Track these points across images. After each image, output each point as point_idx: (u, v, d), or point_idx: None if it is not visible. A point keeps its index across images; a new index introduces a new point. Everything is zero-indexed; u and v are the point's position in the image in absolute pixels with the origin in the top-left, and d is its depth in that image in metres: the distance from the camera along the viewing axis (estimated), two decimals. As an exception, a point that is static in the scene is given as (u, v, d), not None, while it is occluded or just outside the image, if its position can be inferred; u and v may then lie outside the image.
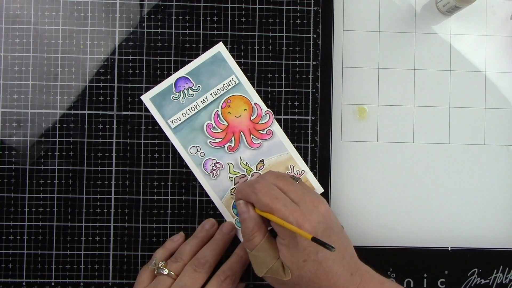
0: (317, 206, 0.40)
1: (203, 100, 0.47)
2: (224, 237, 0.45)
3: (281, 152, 0.47)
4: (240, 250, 0.45)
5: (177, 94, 0.47)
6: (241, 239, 0.47)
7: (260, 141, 0.47)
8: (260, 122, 0.47)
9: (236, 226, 0.47)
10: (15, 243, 0.46)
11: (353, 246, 0.49)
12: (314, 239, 0.35)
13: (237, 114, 0.47)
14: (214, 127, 0.47)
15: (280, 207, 0.38)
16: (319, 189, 0.48)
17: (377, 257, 0.48)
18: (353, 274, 0.40)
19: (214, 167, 0.47)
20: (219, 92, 0.47)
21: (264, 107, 0.47)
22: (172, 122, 0.46)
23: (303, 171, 0.47)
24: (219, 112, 0.47)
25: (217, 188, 0.47)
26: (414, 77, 0.49)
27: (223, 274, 0.43)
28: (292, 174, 0.47)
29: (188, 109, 0.47)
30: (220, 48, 0.47)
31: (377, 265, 0.48)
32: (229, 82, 0.47)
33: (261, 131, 0.47)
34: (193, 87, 0.47)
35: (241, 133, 0.47)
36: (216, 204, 0.47)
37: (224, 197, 0.47)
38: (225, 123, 0.47)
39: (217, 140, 0.47)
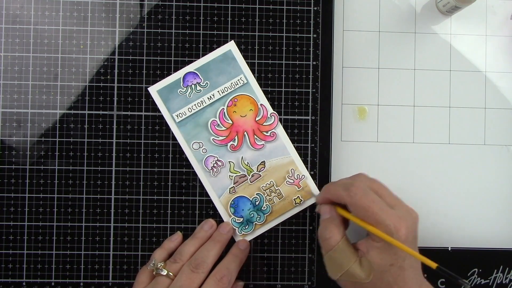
0: (410, 212, 0.40)
1: (210, 96, 0.47)
2: (222, 238, 0.45)
3: (283, 155, 0.47)
4: (236, 249, 0.46)
5: (185, 88, 0.47)
6: (237, 239, 0.47)
7: (263, 142, 0.47)
8: (264, 124, 0.47)
9: (232, 226, 0.47)
10: (15, 243, 0.46)
11: (353, 246, 0.49)
12: (440, 269, 0.36)
13: (243, 114, 0.47)
14: (218, 124, 0.47)
15: (378, 210, 0.38)
16: (319, 192, 0.48)
17: (377, 257, 0.48)
18: (422, 285, 0.40)
19: (215, 165, 0.47)
20: (226, 90, 0.47)
21: (270, 109, 0.47)
22: (177, 116, 0.47)
23: (303, 176, 0.47)
24: (225, 110, 0.47)
25: (216, 186, 0.47)
26: (414, 77, 0.49)
27: (219, 273, 0.43)
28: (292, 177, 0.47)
29: (194, 105, 0.47)
30: (231, 46, 0.47)
31: (377, 265, 0.48)
32: (237, 81, 0.47)
33: (265, 133, 0.47)
34: (201, 83, 0.47)
35: (245, 133, 0.47)
36: (213, 201, 0.47)
37: (222, 195, 0.47)
38: (230, 121, 0.47)
39: (221, 138, 0.47)
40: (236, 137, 0.47)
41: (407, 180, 0.49)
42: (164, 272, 0.43)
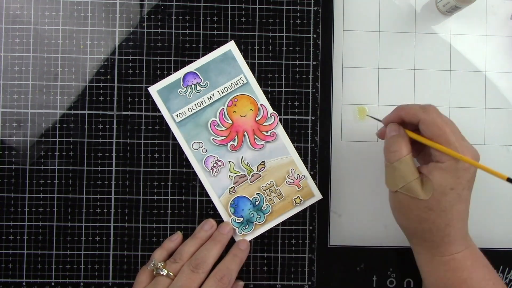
0: (475, 149, 0.40)
1: (210, 96, 0.47)
2: (223, 238, 0.45)
3: (283, 155, 0.47)
4: (236, 249, 0.46)
5: (185, 88, 0.47)
6: (237, 239, 0.47)
7: (263, 142, 0.47)
8: (264, 124, 0.47)
9: (233, 226, 0.47)
10: (15, 243, 0.46)
11: (354, 245, 0.49)
12: (510, 180, 0.37)
13: (243, 114, 0.47)
14: (218, 124, 0.47)
15: (450, 132, 0.39)
16: (318, 196, 0.48)
17: (377, 257, 0.48)
18: (467, 235, 0.42)
19: (215, 165, 0.47)
20: (226, 90, 0.47)
21: (270, 109, 0.47)
22: (177, 116, 0.47)
23: (303, 176, 0.47)
24: (225, 110, 0.47)
25: (216, 186, 0.47)
26: (414, 77, 0.49)
27: (220, 273, 0.43)
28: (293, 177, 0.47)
29: (194, 105, 0.47)
30: (231, 46, 0.47)
31: (377, 265, 0.48)
32: (237, 81, 0.47)
33: (265, 133, 0.47)
34: (201, 83, 0.47)
35: (245, 133, 0.47)
36: (213, 201, 0.47)
37: (222, 195, 0.47)
38: (230, 121, 0.47)
39: (221, 138, 0.47)
40: (236, 137, 0.47)
41: (407, 180, 0.49)
42: (164, 272, 0.43)
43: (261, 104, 0.47)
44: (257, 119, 0.47)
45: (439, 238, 0.40)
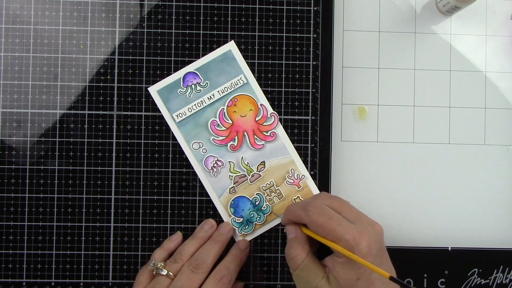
0: (373, 225, 0.40)
1: (210, 96, 0.47)
2: (222, 238, 0.45)
3: (283, 155, 0.47)
4: (235, 249, 0.46)
5: (185, 88, 0.47)
6: (237, 239, 0.47)
7: (263, 142, 0.47)
8: (264, 124, 0.47)
9: (233, 226, 0.47)
10: (15, 243, 0.46)
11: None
12: (392, 279, 0.35)
13: (243, 114, 0.47)
14: (218, 124, 0.47)
15: (335, 226, 0.38)
16: (319, 192, 0.48)
17: (377, 257, 0.48)
18: None
19: (215, 165, 0.47)
20: (226, 90, 0.47)
21: (270, 109, 0.47)
22: (177, 116, 0.47)
23: (303, 176, 0.47)
24: (225, 110, 0.47)
25: (216, 186, 0.47)
26: (414, 77, 0.49)
27: (219, 273, 0.43)
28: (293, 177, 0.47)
29: (194, 105, 0.47)
30: (231, 46, 0.47)
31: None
32: (237, 81, 0.47)
33: (265, 133, 0.47)
34: (201, 83, 0.47)
35: (245, 133, 0.47)
36: (213, 201, 0.47)
37: (222, 195, 0.47)
38: (230, 121, 0.47)
39: (220, 138, 0.47)
40: (236, 137, 0.47)
41: (407, 180, 0.49)
42: (164, 272, 0.43)
43: (261, 104, 0.47)
44: (257, 119, 0.47)
45: None
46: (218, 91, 0.47)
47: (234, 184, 0.47)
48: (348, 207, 0.41)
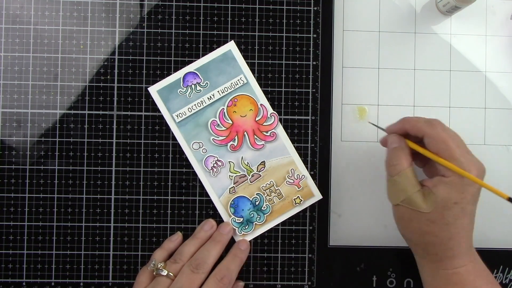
0: (481, 163, 0.40)
1: (210, 96, 0.47)
2: (223, 238, 0.45)
3: (283, 155, 0.47)
4: (236, 249, 0.46)
5: (185, 88, 0.47)
6: (237, 239, 0.47)
7: (263, 142, 0.47)
8: (264, 124, 0.47)
9: (233, 226, 0.47)
10: (15, 243, 0.46)
11: (354, 245, 0.49)
12: (510, 199, 0.37)
13: (243, 114, 0.47)
14: (218, 124, 0.47)
15: (455, 146, 0.39)
16: (318, 196, 0.48)
17: (377, 257, 0.48)
18: (471, 248, 0.41)
19: (215, 165, 0.47)
20: (226, 90, 0.47)
21: (270, 109, 0.47)
22: (177, 116, 0.47)
23: (303, 176, 0.47)
24: (225, 110, 0.47)
25: (216, 186, 0.47)
26: (414, 77, 0.49)
27: (220, 273, 0.43)
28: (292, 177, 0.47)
29: (194, 105, 0.47)
30: (231, 46, 0.47)
31: (377, 265, 0.48)
32: (237, 81, 0.47)
33: (265, 133, 0.47)
34: (201, 83, 0.47)
35: (245, 133, 0.47)
36: (213, 201, 0.47)
37: (222, 195, 0.47)
38: (230, 121, 0.47)
39: (221, 138, 0.47)
40: (236, 137, 0.47)
41: (407, 180, 0.49)
42: (165, 273, 0.43)
43: (261, 104, 0.47)
44: (257, 119, 0.47)
45: (442, 251, 0.40)
46: (218, 91, 0.47)
47: (234, 184, 0.47)
48: (463, 142, 0.41)
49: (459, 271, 0.40)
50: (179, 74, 0.47)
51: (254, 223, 0.47)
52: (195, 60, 0.47)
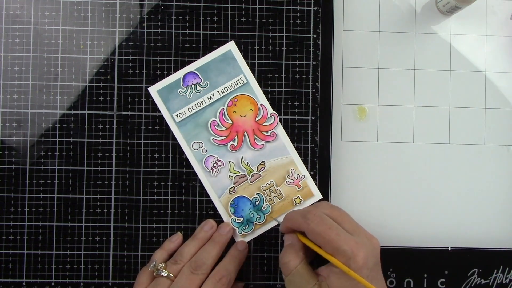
0: (370, 239, 0.40)
1: (210, 96, 0.47)
2: (222, 239, 0.45)
3: (283, 155, 0.47)
4: (234, 250, 0.46)
5: (185, 88, 0.47)
6: (237, 239, 0.47)
7: (263, 142, 0.47)
8: (264, 124, 0.47)
9: (233, 226, 0.47)
10: (15, 243, 0.46)
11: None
12: None
13: (243, 114, 0.47)
14: (218, 124, 0.47)
15: (334, 236, 0.38)
16: (318, 196, 0.48)
17: (377, 257, 0.48)
18: None
19: (215, 165, 0.47)
20: (226, 90, 0.47)
21: (270, 109, 0.47)
22: (177, 116, 0.47)
23: (303, 176, 0.47)
24: (225, 110, 0.47)
25: (216, 186, 0.47)
26: (414, 77, 0.49)
27: (218, 274, 0.43)
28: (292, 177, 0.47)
29: (194, 105, 0.47)
30: (231, 46, 0.47)
31: (377, 265, 0.48)
32: (237, 81, 0.47)
33: (265, 133, 0.47)
34: (201, 83, 0.47)
35: (245, 133, 0.47)
36: (213, 201, 0.47)
37: (222, 195, 0.47)
38: (230, 121, 0.47)
39: (220, 138, 0.47)
40: (236, 137, 0.47)
41: (407, 180, 0.49)
42: (165, 273, 0.43)
43: (261, 104, 0.47)
44: (257, 119, 0.47)
45: None
46: (218, 91, 0.47)
47: (234, 184, 0.47)
48: (348, 218, 0.41)
49: None
50: (179, 74, 0.47)
51: (254, 223, 0.47)
52: (195, 60, 0.47)
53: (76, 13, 0.47)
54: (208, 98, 0.47)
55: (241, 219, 0.47)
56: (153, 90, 0.47)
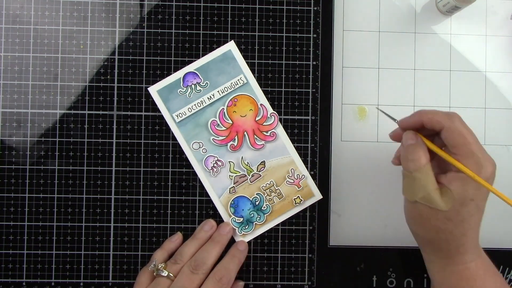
0: (491, 159, 0.40)
1: (210, 96, 0.47)
2: (222, 238, 0.46)
3: (283, 155, 0.47)
4: (234, 250, 0.46)
5: (185, 88, 0.47)
6: (237, 239, 0.47)
7: (263, 142, 0.47)
8: (264, 124, 0.47)
9: (233, 226, 0.47)
10: (15, 243, 0.46)
11: (354, 245, 0.49)
12: None
13: (243, 114, 0.47)
14: (218, 124, 0.47)
15: (473, 141, 0.38)
16: (318, 196, 0.48)
17: (377, 257, 0.48)
18: (478, 244, 0.41)
19: (215, 165, 0.47)
20: (226, 90, 0.47)
21: (270, 109, 0.47)
22: (177, 116, 0.47)
23: (303, 176, 0.47)
24: (225, 110, 0.47)
25: (216, 186, 0.47)
26: (414, 77, 0.49)
27: (219, 273, 0.43)
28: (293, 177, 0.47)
29: (194, 105, 0.47)
30: (231, 46, 0.47)
31: (377, 265, 0.48)
32: (237, 81, 0.47)
33: (265, 133, 0.47)
34: (201, 83, 0.47)
35: (245, 133, 0.47)
36: (213, 201, 0.47)
37: (222, 195, 0.47)
38: (230, 121, 0.47)
39: (220, 138, 0.47)
40: (236, 137, 0.47)
41: (407, 180, 0.49)
42: (165, 273, 0.43)
43: (261, 104, 0.47)
44: (257, 119, 0.47)
45: (454, 247, 0.39)
46: (218, 91, 0.47)
47: (234, 184, 0.47)
48: (477, 138, 0.41)
49: (469, 266, 0.40)
50: (179, 74, 0.47)
51: (254, 223, 0.47)
52: (195, 60, 0.47)
53: (76, 13, 0.47)
54: (208, 98, 0.47)
55: (241, 219, 0.47)
56: (153, 90, 0.47)
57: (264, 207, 0.47)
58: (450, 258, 0.40)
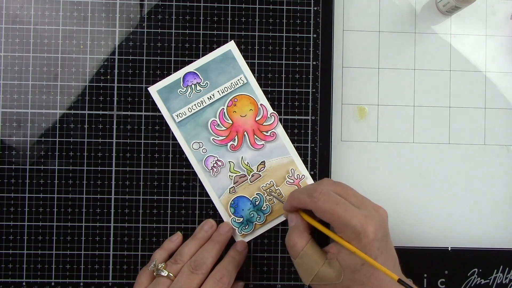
0: (377, 210, 0.40)
1: (210, 96, 0.47)
2: (222, 238, 0.45)
3: (283, 155, 0.47)
4: (233, 251, 0.46)
5: (185, 88, 0.47)
6: (237, 239, 0.47)
7: (263, 142, 0.47)
8: (264, 124, 0.47)
9: (232, 226, 0.47)
10: (15, 243, 0.46)
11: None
12: (400, 281, 0.35)
13: (243, 114, 0.47)
14: (218, 124, 0.47)
15: (342, 212, 0.37)
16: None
17: (377, 257, 0.48)
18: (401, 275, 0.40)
19: (215, 165, 0.47)
20: (226, 90, 0.47)
21: (270, 109, 0.47)
22: (177, 116, 0.47)
23: (303, 176, 0.47)
24: (225, 110, 0.47)
25: (216, 186, 0.47)
26: (414, 77, 0.49)
27: (219, 273, 0.43)
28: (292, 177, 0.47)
29: (194, 105, 0.47)
30: (231, 46, 0.47)
31: (377, 265, 0.48)
32: (237, 81, 0.47)
33: (265, 133, 0.47)
34: (201, 83, 0.47)
35: (245, 132, 0.47)
36: (213, 201, 0.47)
37: (222, 195, 0.47)
38: (230, 121, 0.47)
39: (220, 138, 0.47)
40: (236, 137, 0.47)
41: (407, 180, 0.49)
42: (165, 273, 0.43)
43: (261, 104, 0.47)
44: (257, 119, 0.47)
45: None
46: (218, 91, 0.47)
47: (234, 184, 0.47)
48: (353, 192, 0.40)
49: None
50: (179, 74, 0.47)
51: (254, 223, 0.47)
52: (195, 60, 0.47)
53: (76, 13, 0.47)
54: (208, 98, 0.47)
55: (241, 219, 0.47)
56: (153, 90, 0.47)
57: (264, 207, 0.47)
58: None
